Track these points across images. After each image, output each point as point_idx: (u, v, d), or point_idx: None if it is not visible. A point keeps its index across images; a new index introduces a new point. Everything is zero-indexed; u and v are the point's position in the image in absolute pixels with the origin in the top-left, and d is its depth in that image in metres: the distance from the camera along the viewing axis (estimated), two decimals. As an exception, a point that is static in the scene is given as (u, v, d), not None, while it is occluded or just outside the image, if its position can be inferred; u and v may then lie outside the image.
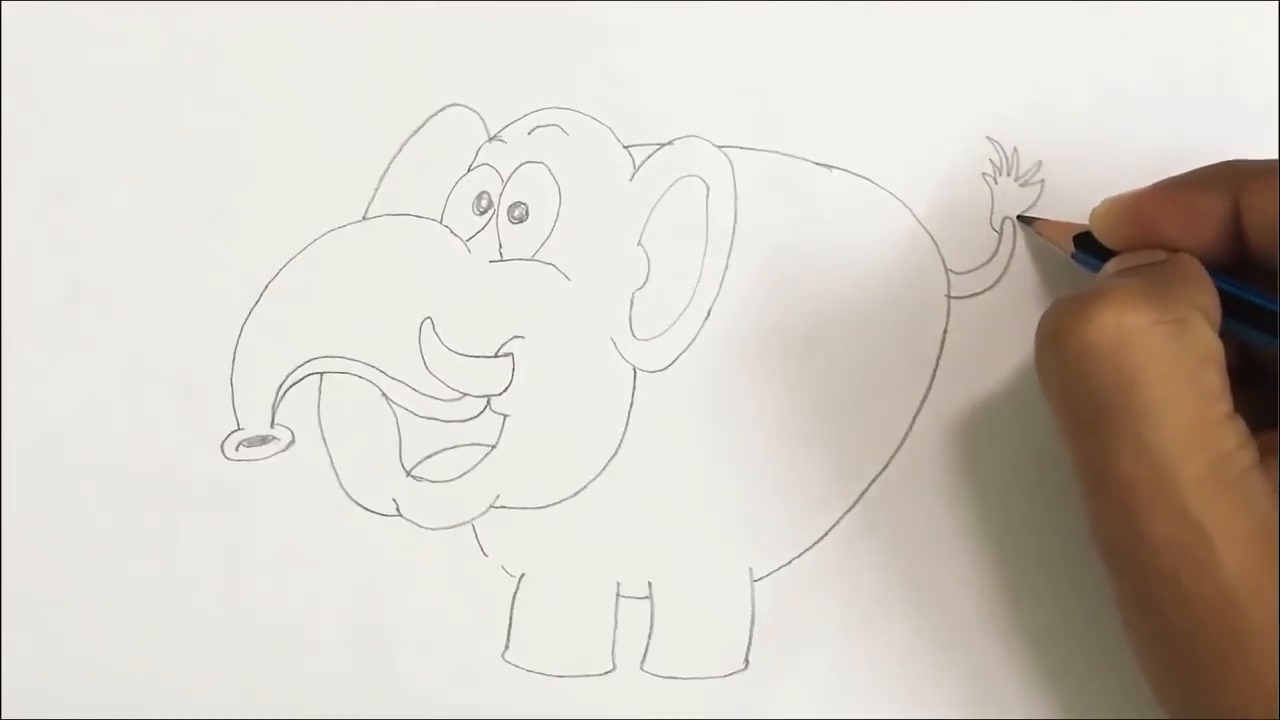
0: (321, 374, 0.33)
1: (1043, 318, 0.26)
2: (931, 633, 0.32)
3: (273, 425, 0.33)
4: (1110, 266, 0.29)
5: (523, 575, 0.33)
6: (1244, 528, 0.25)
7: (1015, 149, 0.33)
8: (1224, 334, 0.27)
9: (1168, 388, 0.25)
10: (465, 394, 0.33)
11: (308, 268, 0.33)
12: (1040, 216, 0.32)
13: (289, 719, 0.33)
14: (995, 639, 0.32)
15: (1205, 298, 0.27)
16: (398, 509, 0.33)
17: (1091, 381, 0.25)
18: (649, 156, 0.34)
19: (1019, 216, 0.33)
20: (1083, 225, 0.30)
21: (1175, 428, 0.25)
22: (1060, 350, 0.26)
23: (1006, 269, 0.33)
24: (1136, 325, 0.25)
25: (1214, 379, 0.26)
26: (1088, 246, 0.30)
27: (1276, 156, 0.32)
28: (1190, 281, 0.27)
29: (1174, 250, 0.28)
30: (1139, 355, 0.25)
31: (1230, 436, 0.25)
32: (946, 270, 0.33)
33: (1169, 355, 0.25)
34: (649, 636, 0.33)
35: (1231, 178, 0.28)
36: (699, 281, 0.33)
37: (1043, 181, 0.33)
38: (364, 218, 0.34)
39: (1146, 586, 0.25)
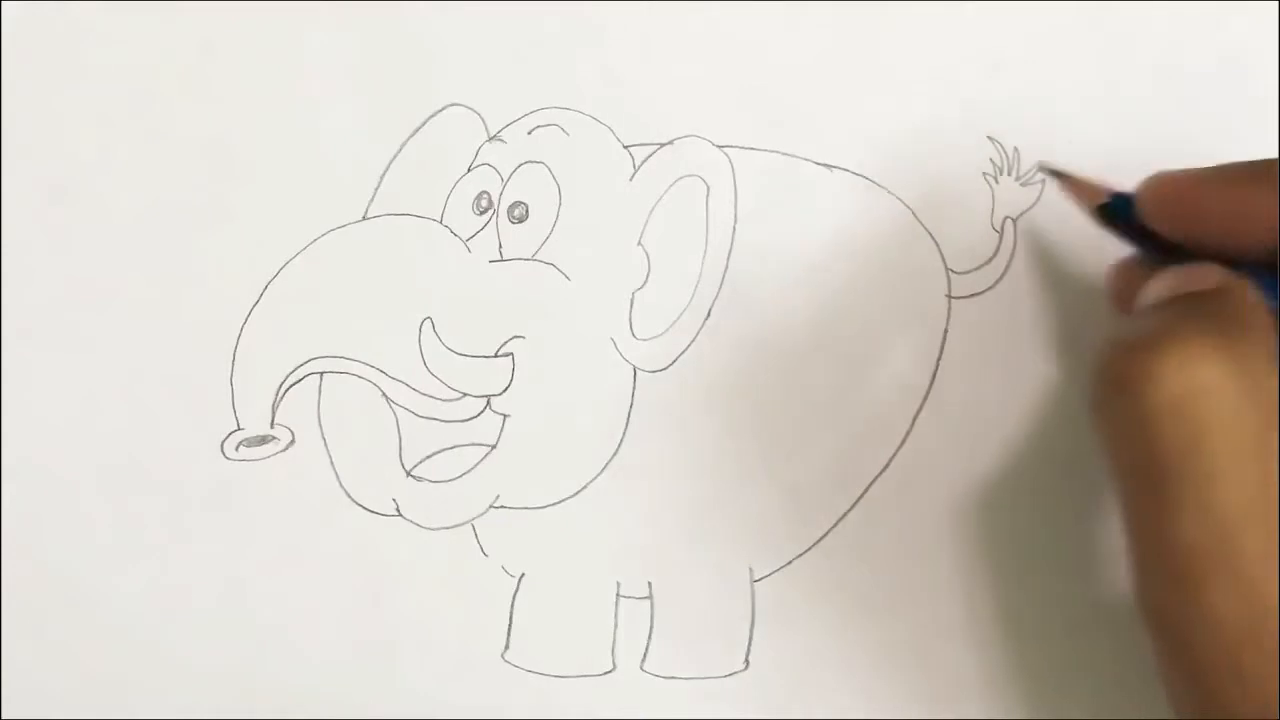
0: (321, 374, 0.33)
1: (1104, 358, 0.25)
2: (932, 632, 0.32)
3: (273, 425, 0.33)
4: (1159, 287, 0.27)
5: (523, 575, 0.33)
6: None
7: (1015, 149, 0.33)
8: None
9: (1235, 450, 0.23)
10: (465, 394, 0.33)
11: (308, 268, 0.33)
12: (1069, 174, 0.31)
13: (289, 719, 0.33)
14: (995, 639, 0.32)
15: (1272, 336, 0.25)
16: (398, 509, 0.33)
17: (1155, 441, 0.24)
18: (649, 156, 0.34)
19: (1049, 169, 0.31)
20: (1111, 190, 0.29)
21: (1241, 493, 0.23)
22: (1123, 402, 0.24)
23: (1006, 269, 0.33)
24: (1207, 380, 0.23)
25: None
26: (1113, 215, 0.29)
27: (1278, 157, 0.32)
28: (1255, 320, 0.25)
29: (1213, 243, 0.27)
30: (1208, 414, 0.23)
31: None
32: (946, 270, 0.33)
33: (1239, 414, 0.23)
34: (649, 636, 0.33)
35: None
36: (699, 281, 0.33)
37: (1043, 181, 0.33)
38: (364, 217, 0.34)
39: (1202, 659, 0.24)
